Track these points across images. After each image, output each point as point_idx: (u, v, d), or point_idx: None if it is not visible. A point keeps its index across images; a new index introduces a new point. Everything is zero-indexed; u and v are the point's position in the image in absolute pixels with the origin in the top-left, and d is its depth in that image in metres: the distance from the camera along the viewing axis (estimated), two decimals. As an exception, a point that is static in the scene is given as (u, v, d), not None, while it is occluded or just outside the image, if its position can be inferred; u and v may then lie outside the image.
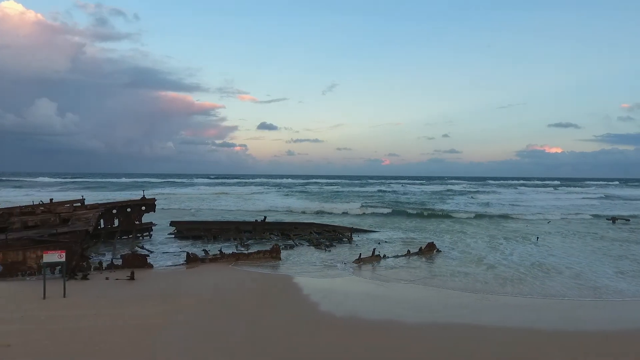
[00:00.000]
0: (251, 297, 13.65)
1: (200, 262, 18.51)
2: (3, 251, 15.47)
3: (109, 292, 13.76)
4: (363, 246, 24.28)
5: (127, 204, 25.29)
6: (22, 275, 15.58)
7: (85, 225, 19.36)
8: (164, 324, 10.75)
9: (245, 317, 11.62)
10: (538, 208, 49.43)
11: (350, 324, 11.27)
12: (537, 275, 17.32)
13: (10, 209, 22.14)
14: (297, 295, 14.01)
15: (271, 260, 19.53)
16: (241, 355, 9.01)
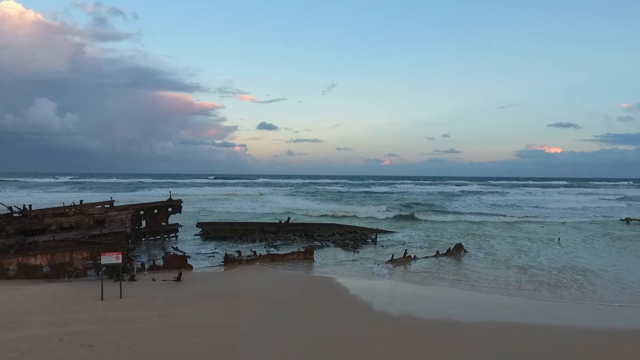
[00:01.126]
0: (303, 297, 13.91)
1: (237, 263, 18.75)
2: (51, 252, 15.67)
3: (161, 293, 13.98)
4: (388, 247, 24.59)
5: (154, 205, 25.49)
6: (68, 277, 15.80)
7: (122, 226, 19.59)
8: (233, 324, 10.99)
9: (306, 317, 11.88)
10: (565, 211, 47.75)
11: (409, 324, 11.55)
12: (575, 278, 17.41)
13: (43, 211, 22.35)
14: (346, 295, 14.28)
15: (304, 261, 19.80)
16: (319, 355, 9.26)
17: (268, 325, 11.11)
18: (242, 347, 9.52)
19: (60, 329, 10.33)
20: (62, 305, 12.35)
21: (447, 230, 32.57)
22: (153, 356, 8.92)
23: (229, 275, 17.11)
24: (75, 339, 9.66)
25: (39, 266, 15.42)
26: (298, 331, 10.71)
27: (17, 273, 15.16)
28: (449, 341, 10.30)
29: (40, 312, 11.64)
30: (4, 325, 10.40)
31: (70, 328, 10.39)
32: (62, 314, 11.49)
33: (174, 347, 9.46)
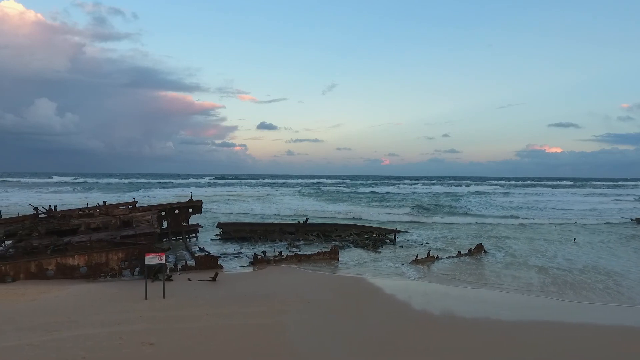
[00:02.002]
0: (341, 296, 14.18)
1: (265, 263, 19.00)
2: (88, 253, 15.91)
3: (200, 292, 14.24)
4: (406, 247, 24.86)
5: (175, 206, 25.73)
6: (104, 277, 16.03)
7: (151, 227, 19.82)
8: (283, 322, 11.26)
9: (349, 315, 12.15)
10: (579, 212, 46.87)
11: (451, 322, 11.83)
12: (599, 279, 17.64)
13: (69, 211, 22.57)
14: (382, 295, 14.55)
15: (330, 261, 20.06)
16: (372, 354, 9.53)
17: (317, 323, 11.39)
18: (301, 344, 9.80)
19: (115, 327, 10.58)
20: (109, 304, 12.60)
21: (460, 230, 32.86)
22: (216, 354, 9.18)
23: (260, 275, 17.35)
24: (134, 337, 9.92)
25: (76, 266, 15.66)
26: (347, 329, 10.96)
27: (56, 273, 15.40)
28: (495, 338, 10.58)
29: (90, 311, 11.89)
30: (61, 324, 10.65)
31: (125, 327, 10.64)
32: (111, 313, 11.74)
33: (234, 345, 9.72)
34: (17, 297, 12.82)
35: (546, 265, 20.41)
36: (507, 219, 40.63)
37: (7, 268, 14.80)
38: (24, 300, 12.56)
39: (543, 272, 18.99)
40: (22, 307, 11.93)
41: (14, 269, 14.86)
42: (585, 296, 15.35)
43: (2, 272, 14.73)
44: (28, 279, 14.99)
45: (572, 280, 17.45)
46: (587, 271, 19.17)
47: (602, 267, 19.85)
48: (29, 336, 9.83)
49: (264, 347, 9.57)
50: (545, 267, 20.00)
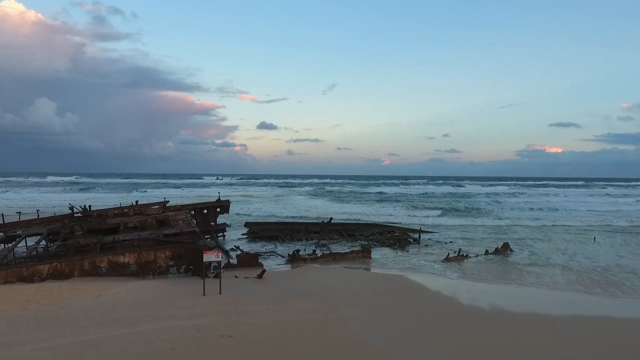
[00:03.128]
0: (387, 293, 14.64)
1: (302, 261, 19.47)
2: (138, 251, 16.37)
3: (252, 289, 14.71)
4: (431, 246, 25.32)
5: (203, 205, 26.20)
6: (152, 274, 16.49)
7: (189, 226, 20.30)
8: (343, 317, 11.72)
9: (403, 311, 12.62)
10: (599, 214, 45.23)
11: (503, 317, 12.32)
12: (629, 277, 18.11)
13: (105, 211, 23.05)
14: (427, 291, 15.03)
15: (363, 260, 20.54)
16: (439, 343, 10.00)
17: (376, 318, 11.86)
18: (367, 337, 10.25)
19: (187, 321, 11.04)
20: (170, 300, 13.06)
21: (477, 230, 33.26)
22: (291, 346, 9.61)
23: (301, 273, 17.81)
24: (210, 330, 10.37)
25: (127, 264, 16.12)
26: (406, 323, 11.43)
27: (107, 270, 15.86)
28: (549, 332, 11.04)
29: (157, 306, 12.36)
30: (135, 318, 11.10)
31: (197, 321, 11.09)
32: (178, 308, 12.21)
33: (304, 337, 10.17)
34: (82, 293, 13.27)
35: (570, 263, 20.83)
36: (524, 220, 40.75)
37: (63, 265, 15.25)
38: (89, 296, 13.02)
39: (569, 269, 19.42)
40: (90, 303, 12.39)
41: (69, 266, 15.32)
42: (616, 293, 15.83)
43: (58, 270, 15.19)
44: (82, 276, 15.45)
45: (599, 278, 17.85)
46: (610, 269, 19.52)
47: (632, 267, 20.23)
48: (109, 329, 10.27)
49: (332, 340, 10.01)
50: (571, 265, 20.44)
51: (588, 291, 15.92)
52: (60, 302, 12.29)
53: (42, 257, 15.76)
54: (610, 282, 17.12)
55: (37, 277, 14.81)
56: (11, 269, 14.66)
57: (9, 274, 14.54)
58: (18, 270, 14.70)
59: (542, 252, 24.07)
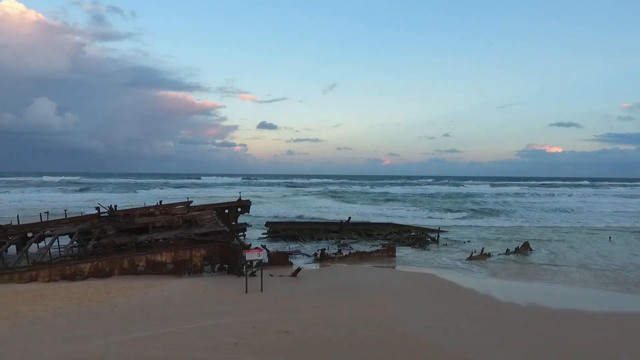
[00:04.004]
0: (424, 290, 14.99)
1: (330, 260, 19.79)
2: (174, 250, 16.67)
3: (291, 287, 15.01)
4: (449, 245, 25.67)
5: (225, 205, 26.47)
6: (188, 273, 16.78)
7: (217, 225, 20.60)
8: (391, 314, 12.02)
9: (447, 307, 12.94)
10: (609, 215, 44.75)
11: (541, 313, 12.63)
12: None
13: (131, 210, 23.32)
14: (462, 289, 15.37)
15: (388, 259, 20.88)
16: (493, 337, 10.34)
17: (421, 314, 12.19)
18: (419, 332, 10.57)
19: (241, 317, 11.33)
20: (216, 297, 13.37)
21: (490, 230, 33.57)
22: (349, 341, 9.90)
23: (332, 271, 18.13)
24: (266, 326, 10.66)
25: (164, 263, 16.41)
26: (452, 318, 11.76)
27: (145, 269, 16.14)
28: (588, 327, 11.41)
29: (204, 303, 12.65)
30: (188, 315, 11.39)
31: (250, 317, 11.39)
32: (226, 304, 12.51)
33: (358, 333, 10.45)
34: (128, 290, 13.56)
35: (590, 262, 21.22)
36: (536, 221, 40.99)
37: (103, 264, 15.54)
38: (137, 293, 13.30)
39: (586, 267, 19.85)
40: (140, 300, 12.68)
41: (109, 265, 15.60)
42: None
43: (99, 268, 15.47)
44: (121, 274, 15.73)
45: (616, 276, 18.20)
46: (626, 266, 19.97)
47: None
48: (169, 325, 10.57)
49: (386, 335, 10.29)
50: (590, 263, 20.85)
51: (610, 289, 16.28)
52: (111, 299, 12.57)
53: (82, 256, 16.03)
54: (627, 280, 17.51)
55: (79, 276, 15.09)
56: (55, 268, 14.93)
57: (53, 272, 14.82)
58: (61, 269, 14.98)
59: (559, 251, 24.42)
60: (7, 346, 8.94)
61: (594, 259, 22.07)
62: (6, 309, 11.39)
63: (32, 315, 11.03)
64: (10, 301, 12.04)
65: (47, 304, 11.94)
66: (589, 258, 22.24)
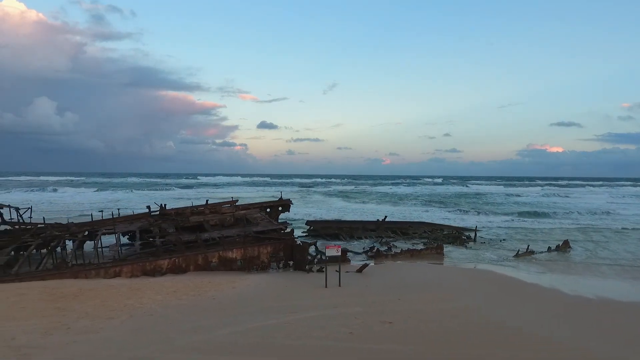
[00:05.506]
0: (489, 285, 15.59)
1: (383, 257, 20.39)
2: (244, 247, 17.24)
3: (364, 282, 15.59)
4: (485, 243, 26.28)
5: (267, 204, 27.03)
6: (256, 269, 17.34)
7: (273, 223, 21.18)
8: (469, 307, 12.54)
9: (519, 299, 13.55)
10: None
11: (611, 305, 13.28)
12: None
13: (182, 209, 23.89)
14: (526, 284, 16.01)
15: (437, 256, 21.48)
16: (580, 323, 10.93)
17: (495, 305, 12.76)
18: (504, 322, 11.14)
19: (334, 310, 11.87)
20: (300, 291, 13.95)
21: (517, 230, 34.17)
22: (448, 330, 10.43)
23: (390, 268, 18.70)
24: (368, 318, 11.22)
25: (234, 259, 16.98)
26: (527, 309, 12.34)
27: (218, 265, 16.70)
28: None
29: (292, 297, 13.23)
30: (284, 308, 11.93)
31: (344, 310, 11.93)
32: (312, 298, 13.09)
33: (452, 323, 10.99)
34: (215, 285, 14.11)
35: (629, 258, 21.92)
36: (559, 221, 41.47)
37: (180, 260, 16.09)
38: (225, 288, 13.87)
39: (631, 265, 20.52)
40: (231, 294, 13.25)
41: (185, 261, 16.16)
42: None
43: (176, 264, 16.02)
44: (195, 270, 16.29)
45: None
46: None
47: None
48: (273, 317, 11.10)
49: (478, 325, 10.82)
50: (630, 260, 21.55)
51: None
52: (205, 294, 13.13)
53: (158, 253, 16.57)
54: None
55: (157, 272, 15.64)
56: (136, 264, 15.48)
57: (135, 268, 15.37)
58: (142, 265, 15.53)
59: (594, 250, 25.07)
60: (148, 334, 9.50)
61: (623, 256, 22.77)
62: (115, 302, 11.94)
63: (141, 307, 11.58)
64: (113, 295, 12.59)
65: (149, 297, 12.50)
66: (619, 255, 22.92)
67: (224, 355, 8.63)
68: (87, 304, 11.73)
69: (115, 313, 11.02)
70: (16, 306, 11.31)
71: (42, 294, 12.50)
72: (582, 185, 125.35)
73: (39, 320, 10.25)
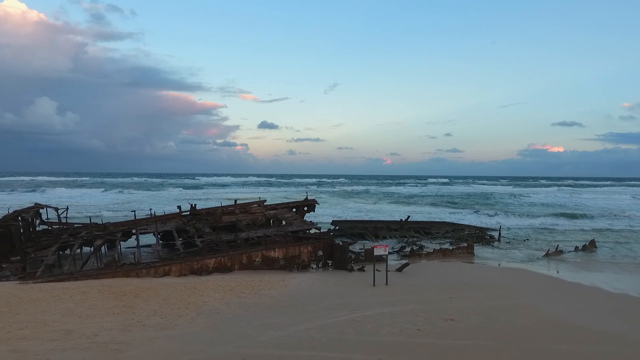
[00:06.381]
0: (533, 282, 15.83)
1: (418, 256, 20.63)
2: (285, 247, 17.47)
3: (409, 280, 15.82)
4: (512, 243, 26.51)
5: (294, 204, 27.26)
6: (297, 268, 17.57)
7: (307, 223, 21.41)
8: (529, 304, 12.81)
9: (568, 295, 13.77)
10: None
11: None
12: None
13: (213, 209, 24.15)
14: (566, 282, 16.22)
15: (467, 255, 21.72)
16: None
17: (555, 303, 12.98)
18: (564, 319, 11.39)
19: (393, 308, 12.11)
20: (350, 290, 14.18)
21: (532, 229, 34.38)
22: (506, 328, 10.65)
23: (425, 266, 18.92)
24: (428, 315, 11.44)
25: (276, 258, 17.20)
26: (578, 306, 12.57)
27: (261, 264, 16.93)
28: None
29: (345, 295, 13.43)
30: (343, 305, 12.13)
31: (403, 307, 12.18)
32: (365, 296, 13.31)
33: (509, 318, 11.30)
34: (265, 284, 14.30)
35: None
36: (574, 222, 41.42)
37: (226, 259, 16.32)
38: (277, 287, 14.07)
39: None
40: (285, 292, 13.44)
41: (231, 260, 16.38)
42: None
43: (222, 263, 16.24)
44: (240, 269, 16.51)
45: None
46: None
47: None
48: (337, 314, 11.31)
49: (539, 322, 11.06)
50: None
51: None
52: (260, 292, 13.34)
53: (204, 252, 16.80)
54: None
55: (204, 271, 15.85)
56: (185, 263, 15.70)
57: (183, 267, 15.59)
58: (190, 264, 15.75)
59: (617, 250, 25.29)
60: (225, 331, 9.72)
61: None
62: (177, 300, 12.16)
63: (205, 305, 11.79)
64: (172, 293, 12.79)
65: (208, 295, 12.72)
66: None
67: (307, 351, 8.84)
68: (150, 301, 11.94)
69: (182, 310, 11.23)
70: (84, 304, 11.51)
71: (102, 292, 12.70)
72: (592, 185, 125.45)
73: (112, 318, 10.46)
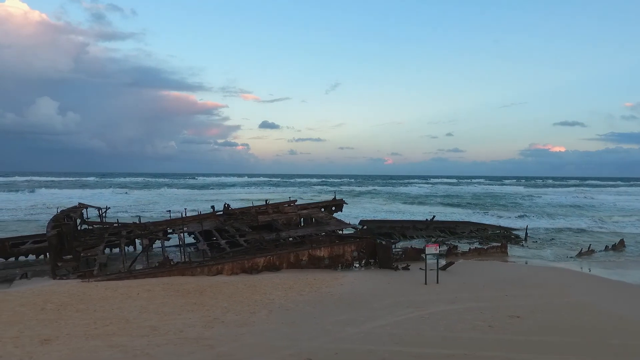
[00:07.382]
0: (575, 282, 16.02)
1: (454, 256, 20.87)
2: (330, 246, 17.71)
3: (457, 279, 16.02)
4: (538, 243, 26.74)
5: (322, 204, 27.50)
6: (340, 267, 17.81)
7: (343, 223, 21.65)
8: (581, 302, 13.01)
9: (620, 295, 13.99)
10: None
11: None
12: None
13: (247, 209, 24.40)
14: (611, 281, 16.44)
15: (501, 255, 21.96)
16: None
17: (608, 301, 13.20)
18: (627, 315, 11.65)
19: (455, 305, 12.33)
20: (403, 288, 14.42)
21: (555, 229, 34.61)
22: (573, 324, 10.85)
23: (465, 265, 19.05)
24: (492, 312, 11.67)
25: (322, 257, 17.45)
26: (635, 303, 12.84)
27: (307, 263, 17.18)
28: None
29: (401, 293, 13.66)
30: (404, 303, 12.34)
31: (463, 304, 12.40)
32: (420, 294, 13.55)
33: (570, 316, 11.51)
34: (320, 282, 14.53)
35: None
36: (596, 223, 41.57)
37: (274, 258, 16.56)
38: (333, 284, 14.32)
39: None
40: (344, 290, 13.68)
41: (279, 259, 16.63)
42: None
43: (271, 262, 16.49)
44: (288, 268, 16.75)
45: None
46: None
47: None
48: (403, 311, 11.53)
49: (603, 319, 11.29)
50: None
51: None
52: (319, 290, 13.58)
53: (252, 251, 17.05)
54: None
55: (254, 270, 16.09)
56: (236, 262, 15.94)
57: (235, 266, 15.83)
58: (241, 263, 15.99)
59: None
60: (304, 327, 9.95)
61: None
62: (241, 297, 12.40)
63: (272, 303, 12.03)
64: (235, 291, 13.03)
65: (271, 293, 12.96)
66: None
67: (389, 346, 9.06)
68: (218, 299, 12.18)
69: (252, 308, 11.47)
70: (154, 301, 11.74)
71: (166, 290, 12.94)
72: (601, 185, 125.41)
73: (189, 315, 10.70)
